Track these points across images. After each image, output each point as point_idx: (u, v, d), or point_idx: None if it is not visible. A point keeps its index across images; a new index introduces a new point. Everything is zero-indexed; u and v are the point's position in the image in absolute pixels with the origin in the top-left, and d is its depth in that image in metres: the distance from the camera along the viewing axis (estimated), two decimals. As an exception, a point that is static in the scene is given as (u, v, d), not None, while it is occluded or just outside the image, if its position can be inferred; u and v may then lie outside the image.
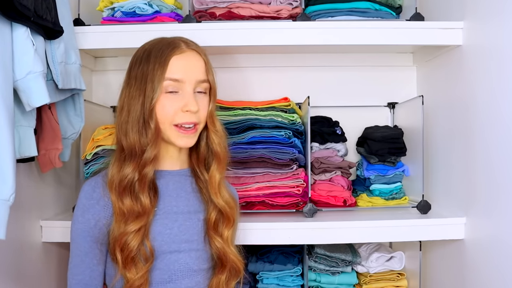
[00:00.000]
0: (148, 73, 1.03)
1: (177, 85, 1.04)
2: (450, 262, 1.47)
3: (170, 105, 1.04)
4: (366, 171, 1.59)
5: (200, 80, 1.07)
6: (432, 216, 1.45)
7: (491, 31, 1.24)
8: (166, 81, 1.03)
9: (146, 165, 1.04)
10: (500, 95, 1.20)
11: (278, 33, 1.41)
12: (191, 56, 1.07)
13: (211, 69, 1.10)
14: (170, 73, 1.03)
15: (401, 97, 1.72)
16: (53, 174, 1.43)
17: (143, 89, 1.03)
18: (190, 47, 1.08)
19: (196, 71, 1.06)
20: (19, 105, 1.06)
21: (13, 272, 1.20)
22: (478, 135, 1.30)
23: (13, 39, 1.01)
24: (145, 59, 1.05)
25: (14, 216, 1.01)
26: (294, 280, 1.54)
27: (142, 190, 1.04)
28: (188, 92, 1.05)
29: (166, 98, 1.04)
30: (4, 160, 0.95)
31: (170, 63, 1.03)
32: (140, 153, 1.04)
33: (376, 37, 1.41)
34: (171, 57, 1.04)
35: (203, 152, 1.14)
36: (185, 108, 1.04)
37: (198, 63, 1.08)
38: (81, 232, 1.04)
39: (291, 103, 1.53)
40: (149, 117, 1.03)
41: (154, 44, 1.08)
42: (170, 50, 1.05)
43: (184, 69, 1.05)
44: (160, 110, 1.04)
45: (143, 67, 1.05)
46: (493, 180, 1.23)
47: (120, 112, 1.07)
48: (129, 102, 1.05)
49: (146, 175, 1.05)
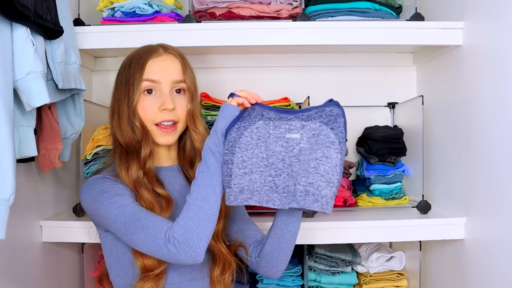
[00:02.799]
0: (130, 77, 1.11)
1: (154, 85, 1.11)
2: (450, 262, 1.47)
3: (149, 105, 1.11)
4: (366, 171, 1.59)
5: (176, 81, 1.13)
6: (432, 216, 1.46)
7: (491, 31, 1.24)
8: (143, 82, 1.10)
9: (146, 161, 1.11)
10: (500, 95, 1.20)
11: (278, 33, 1.41)
12: (167, 58, 1.14)
13: (189, 70, 1.16)
14: (147, 75, 1.11)
15: (401, 97, 1.72)
16: (53, 174, 1.43)
17: (127, 92, 1.11)
18: (167, 51, 1.15)
19: (172, 72, 1.13)
20: (19, 105, 1.06)
21: (13, 272, 1.20)
22: (478, 135, 1.30)
23: (13, 39, 1.01)
24: (128, 65, 1.14)
25: (14, 216, 1.01)
26: (294, 280, 1.54)
27: (154, 184, 1.10)
28: (164, 92, 1.11)
29: (145, 99, 1.11)
30: (4, 160, 0.95)
31: (147, 66, 1.11)
32: (138, 150, 1.11)
33: (376, 37, 1.41)
34: (148, 60, 1.12)
35: (188, 150, 1.20)
36: (162, 106, 1.10)
37: (174, 64, 1.14)
38: (123, 193, 1.06)
39: (291, 103, 1.53)
40: (133, 117, 1.10)
41: (137, 51, 1.16)
42: (148, 54, 1.13)
43: (161, 70, 1.12)
44: (141, 110, 1.11)
45: (126, 72, 1.13)
46: (493, 180, 1.23)
47: (112, 116, 1.14)
48: (118, 106, 1.13)
49: (150, 170, 1.12)
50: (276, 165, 1.04)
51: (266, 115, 1.07)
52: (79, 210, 1.45)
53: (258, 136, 1.05)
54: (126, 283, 1.09)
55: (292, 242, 1.13)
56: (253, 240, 1.17)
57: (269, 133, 1.06)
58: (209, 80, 1.65)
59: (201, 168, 1.04)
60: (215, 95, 1.57)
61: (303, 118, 1.06)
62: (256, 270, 1.19)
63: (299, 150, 1.04)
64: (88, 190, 1.08)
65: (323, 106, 1.06)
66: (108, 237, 1.10)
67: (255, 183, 1.03)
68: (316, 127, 1.04)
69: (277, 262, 1.13)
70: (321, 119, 1.04)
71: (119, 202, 1.02)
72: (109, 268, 1.13)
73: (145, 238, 0.98)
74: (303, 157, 1.03)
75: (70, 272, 1.52)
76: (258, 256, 1.15)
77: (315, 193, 0.99)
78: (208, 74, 1.70)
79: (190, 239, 0.96)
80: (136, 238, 1.00)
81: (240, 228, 1.19)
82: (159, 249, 0.98)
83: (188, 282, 1.10)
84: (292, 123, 1.06)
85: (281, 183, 1.03)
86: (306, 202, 0.99)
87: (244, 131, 1.05)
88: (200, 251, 0.97)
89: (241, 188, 1.03)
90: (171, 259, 0.99)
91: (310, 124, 1.04)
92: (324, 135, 1.02)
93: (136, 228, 0.99)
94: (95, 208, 1.05)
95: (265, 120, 1.07)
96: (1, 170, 0.94)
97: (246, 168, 1.03)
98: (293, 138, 1.05)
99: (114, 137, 1.15)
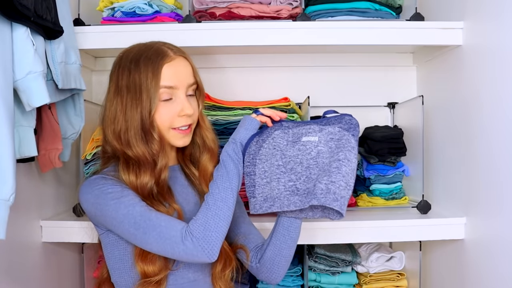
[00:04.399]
0: (142, 83, 1.05)
1: (171, 92, 1.08)
2: (450, 262, 1.47)
3: (167, 112, 1.08)
4: (366, 171, 1.59)
5: (190, 84, 1.11)
6: (432, 216, 1.46)
7: (491, 31, 1.24)
8: (161, 89, 1.06)
9: (161, 172, 1.09)
10: (500, 95, 1.20)
11: (278, 33, 1.41)
12: (180, 62, 1.11)
13: (197, 70, 1.15)
14: (164, 81, 1.06)
15: (401, 97, 1.72)
16: (53, 174, 1.43)
17: (139, 99, 1.05)
18: (177, 54, 1.11)
19: (186, 76, 1.11)
20: (19, 105, 1.06)
21: (13, 272, 1.20)
22: (478, 135, 1.30)
23: (13, 39, 1.01)
24: (134, 68, 1.07)
25: (14, 216, 1.01)
26: (294, 280, 1.54)
27: (165, 197, 1.09)
28: (181, 97, 1.09)
29: (162, 106, 1.07)
30: (4, 160, 0.95)
31: (163, 72, 1.06)
32: (152, 161, 1.08)
33: (376, 37, 1.41)
34: (163, 65, 1.06)
35: (190, 148, 1.19)
36: (181, 113, 1.09)
37: (187, 68, 1.12)
38: (129, 192, 1.04)
39: (291, 103, 1.53)
40: (150, 127, 1.06)
41: (140, 52, 1.09)
42: (160, 58, 1.07)
43: (176, 75, 1.08)
44: (158, 118, 1.07)
45: (133, 76, 1.06)
46: (493, 180, 1.23)
47: (112, 122, 1.07)
48: (124, 112, 1.06)
49: (164, 180, 1.10)
50: (295, 169, 1.08)
51: (284, 125, 1.14)
52: (79, 210, 1.44)
53: (273, 145, 1.11)
54: (128, 283, 1.08)
55: (293, 247, 1.13)
56: (254, 245, 1.17)
57: (286, 140, 1.11)
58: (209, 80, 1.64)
59: (220, 172, 1.07)
60: (215, 95, 1.57)
61: (321, 123, 1.11)
62: (257, 275, 1.18)
63: (317, 153, 1.07)
64: (89, 190, 1.05)
65: (341, 115, 1.11)
66: (109, 237, 1.09)
67: (274, 190, 1.08)
68: (335, 132, 1.08)
69: (278, 268, 1.13)
70: (341, 125, 1.09)
71: (127, 202, 1.01)
72: (111, 270, 1.11)
73: (158, 237, 0.99)
74: (321, 159, 1.06)
75: (70, 272, 1.52)
76: (258, 262, 1.15)
77: (336, 191, 1.00)
78: (208, 74, 1.69)
79: (209, 236, 0.98)
80: (147, 238, 0.99)
81: (243, 232, 1.19)
82: (175, 247, 0.98)
83: (190, 283, 1.10)
84: (311, 126, 1.11)
85: (301, 186, 1.07)
86: (327, 200, 1.00)
87: (263, 143, 1.12)
88: (216, 249, 1.00)
89: (265, 197, 1.09)
90: (187, 256, 0.99)
91: (328, 128, 1.09)
92: (346, 140, 1.06)
93: (147, 227, 0.99)
94: (99, 208, 1.03)
95: (283, 129, 1.13)
96: (1, 170, 0.94)
97: (267, 178, 1.09)
98: (311, 141, 1.08)
99: (112, 146, 1.08)
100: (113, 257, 1.10)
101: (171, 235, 0.98)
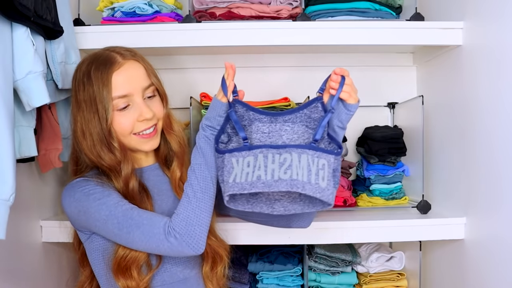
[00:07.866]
0: (96, 95, 1.04)
1: (126, 99, 1.06)
2: (450, 262, 1.47)
3: (125, 120, 1.06)
4: (366, 171, 1.59)
5: (145, 87, 1.09)
6: (432, 216, 1.45)
7: (491, 31, 1.24)
8: (114, 100, 1.04)
9: (128, 180, 1.07)
10: (500, 95, 1.20)
11: (278, 33, 1.41)
12: (130, 66, 1.07)
13: (153, 71, 1.12)
14: (116, 91, 1.04)
15: (401, 97, 1.72)
16: (53, 174, 1.43)
17: (95, 111, 1.04)
18: (126, 58, 1.08)
19: (139, 80, 1.08)
20: (19, 105, 1.06)
21: (13, 272, 1.20)
22: (478, 135, 1.30)
23: (13, 39, 1.01)
24: (87, 81, 1.05)
25: (14, 216, 1.01)
26: (294, 280, 1.54)
27: (137, 202, 1.06)
28: (138, 102, 1.07)
29: (119, 115, 1.06)
30: (4, 160, 0.95)
31: (113, 81, 1.04)
32: (119, 169, 1.07)
33: (376, 37, 1.41)
34: (111, 74, 1.04)
35: (162, 151, 1.17)
36: (140, 117, 1.07)
37: (138, 71, 1.09)
38: (110, 193, 1.04)
39: (291, 103, 1.53)
40: (109, 137, 1.05)
41: (90, 63, 1.07)
42: (108, 67, 1.05)
43: (128, 82, 1.06)
44: (117, 126, 1.06)
45: (88, 89, 1.05)
46: (493, 180, 1.23)
47: (83, 137, 1.07)
48: (87, 126, 1.05)
49: (133, 189, 1.08)
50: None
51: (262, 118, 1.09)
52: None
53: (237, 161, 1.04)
54: (116, 286, 1.06)
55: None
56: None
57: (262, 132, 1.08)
58: (208, 80, 1.65)
59: (198, 160, 1.05)
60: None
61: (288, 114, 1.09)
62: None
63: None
64: (71, 194, 1.05)
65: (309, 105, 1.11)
66: (95, 241, 1.08)
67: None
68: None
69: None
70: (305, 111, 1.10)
71: (108, 202, 1.01)
72: (98, 275, 1.10)
73: (142, 236, 0.99)
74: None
75: (70, 272, 1.51)
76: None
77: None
78: (208, 74, 1.70)
79: (192, 231, 0.99)
80: (132, 237, 1.00)
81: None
82: (160, 244, 0.99)
83: (181, 281, 1.10)
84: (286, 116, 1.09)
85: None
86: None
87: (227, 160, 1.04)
88: (202, 241, 1.00)
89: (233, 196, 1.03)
90: (173, 252, 1.00)
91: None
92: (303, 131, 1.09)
93: (131, 226, 0.99)
94: (82, 211, 1.03)
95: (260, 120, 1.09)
96: (1, 170, 0.94)
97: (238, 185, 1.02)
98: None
99: (90, 159, 1.08)
100: (99, 262, 1.09)
101: (154, 232, 0.99)
